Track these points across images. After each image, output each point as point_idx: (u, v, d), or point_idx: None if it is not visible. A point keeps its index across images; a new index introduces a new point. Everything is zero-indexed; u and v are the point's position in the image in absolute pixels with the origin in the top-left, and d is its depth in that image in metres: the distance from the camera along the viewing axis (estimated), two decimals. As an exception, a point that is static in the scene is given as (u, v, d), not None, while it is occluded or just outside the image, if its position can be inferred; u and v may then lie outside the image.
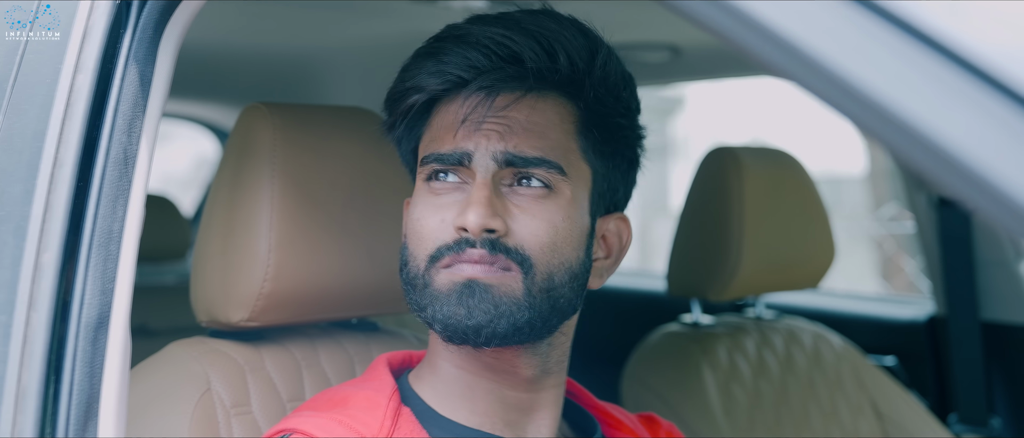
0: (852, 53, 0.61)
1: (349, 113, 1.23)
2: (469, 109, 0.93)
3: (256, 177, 1.11)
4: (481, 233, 0.90)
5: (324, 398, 0.98)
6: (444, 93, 0.95)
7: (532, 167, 0.92)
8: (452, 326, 0.91)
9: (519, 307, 0.91)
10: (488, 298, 0.91)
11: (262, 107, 1.15)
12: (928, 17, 0.60)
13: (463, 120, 0.93)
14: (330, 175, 1.15)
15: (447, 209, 0.94)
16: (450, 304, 0.91)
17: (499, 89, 0.93)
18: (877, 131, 0.59)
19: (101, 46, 0.95)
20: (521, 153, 0.92)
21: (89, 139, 0.93)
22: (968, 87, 0.58)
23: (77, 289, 0.90)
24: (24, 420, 0.87)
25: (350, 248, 1.15)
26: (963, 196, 0.56)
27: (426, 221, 0.94)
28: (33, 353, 0.88)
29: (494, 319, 0.90)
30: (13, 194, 0.93)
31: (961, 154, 0.56)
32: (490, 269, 0.91)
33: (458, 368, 0.97)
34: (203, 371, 1.10)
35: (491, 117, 0.93)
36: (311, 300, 1.14)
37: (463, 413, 0.97)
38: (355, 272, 1.15)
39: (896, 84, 0.59)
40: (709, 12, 0.63)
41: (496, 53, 0.92)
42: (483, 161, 0.93)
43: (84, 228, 0.91)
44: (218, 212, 1.14)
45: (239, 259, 1.11)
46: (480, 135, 0.93)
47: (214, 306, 1.13)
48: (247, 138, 1.14)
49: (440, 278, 0.92)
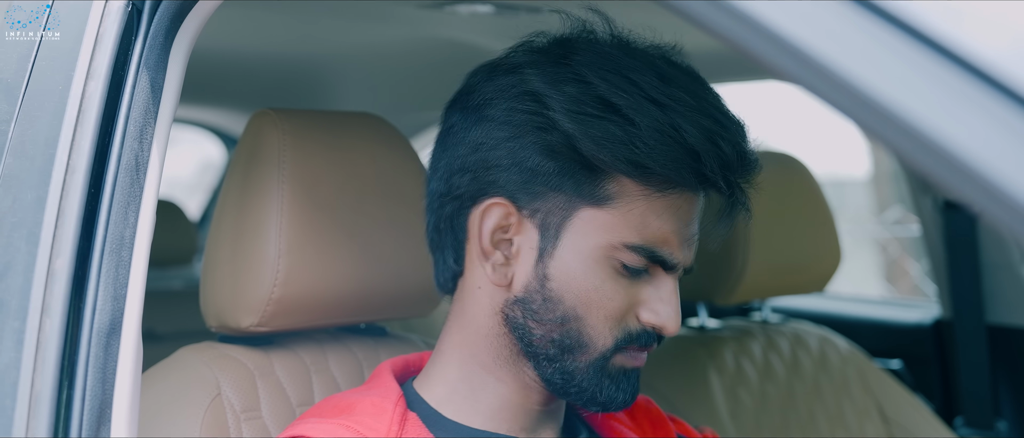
0: (856, 56, 0.61)
1: (357, 119, 1.23)
2: (690, 215, 0.94)
3: (265, 182, 1.12)
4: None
5: (329, 405, 0.98)
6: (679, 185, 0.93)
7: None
8: (611, 407, 0.96)
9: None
10: (638, 379, 0.98)
11: (271, 113, 1.15)
12: (931, 20, 0.61)
13: (683, 226, 0.94)
14: (338, 180, 1.16)
15: (634, 294, 0.94)
16: (618, 389, 0.96)
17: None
18: (882, 134, 0.60)
19: (112, 53, 0.96)
20: (693, 267, 0.98)
21: (101, 145, 0.94)
22: (971, 89, 0.59)
23: (89, 295, 0.91)
24: (37, 425, 0.88)
25: (359, 254, 1.16)
26: (969, 198, 0.57)
27: (616, 303, 0.94)
28: (46, 359, 0.89)
29: (626, 398, 0.97)
30: (26, 201, 0.94)
31: (966, 156, 0.57)
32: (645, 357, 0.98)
33: (499, 380, 0.99)
34: (213, 376, 1.10)
35: (693, 226, 0.96)
36: (320, 305, 1.14)
37: (480, 417, 0.98)
38: (364, 277, 1.16)
39: (900, 87, 0.60)
40: (711, 13, 0.64)
41: (734, 166, 0.92)
42: (679, 271, 0.96)
43: (96, 234, 0.92)
44: (227, 218, 1.15)
45: (248, 265, 1.12)
46: (690, 246, 0.96)
47: (224, 311, 1.13)
48: (256, 144, 1.15)
49: (616, 361, 0.95)
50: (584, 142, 0.90)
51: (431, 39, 1.83)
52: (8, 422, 0.88)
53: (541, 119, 0.92)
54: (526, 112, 0.93)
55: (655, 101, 0.89)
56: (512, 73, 0.95)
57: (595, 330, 0.93)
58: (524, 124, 0.93)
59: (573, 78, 0.92)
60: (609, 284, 0.92)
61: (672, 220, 0.93)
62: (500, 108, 0.94)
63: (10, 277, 0.92)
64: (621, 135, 0.89)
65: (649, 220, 0.92)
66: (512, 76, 0.95)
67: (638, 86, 0.90)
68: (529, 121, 0.93)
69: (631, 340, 0.94)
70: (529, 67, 0.94)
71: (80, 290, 0.91)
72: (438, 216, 1.00)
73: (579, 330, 0.93)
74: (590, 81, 0.91)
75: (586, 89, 0.91)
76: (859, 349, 1.83)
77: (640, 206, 0.92)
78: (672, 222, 0.93)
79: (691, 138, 0.88)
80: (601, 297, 0.92)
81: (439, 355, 1.01)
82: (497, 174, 0.94)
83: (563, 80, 0.92)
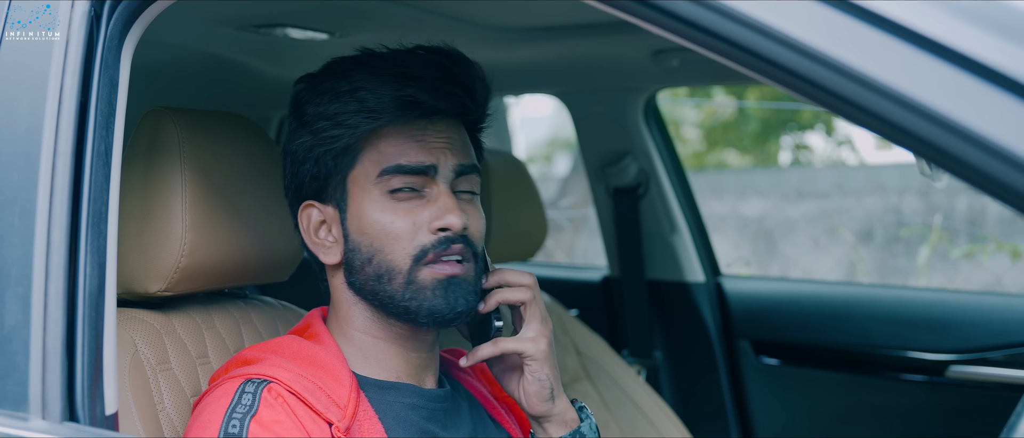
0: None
1: (228, 117, 1.43)
2: (419, 130, 1.16)
3: (168, 170, 1.29)
4: (460, 231, 1.14)
5: (289, 349, 1.18)
6: (395, 118, 1.15)
7: (471, 173, 1.19)
8: (437, 317, 1.14)
9: (474, 292, 1.17)
10: (462, 290, 1.15)
11: (165, 110, 1.32)
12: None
13: (419, 139, 1.16)
14: (224, 167, 1.36)
15: (415, 213, 1.15)
16: (436, 299, 1.14)
17: (436, 115, 1.18)
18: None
19: (81, 53, 1.09)
20: (465, 163, 1.18)
21: (79, 133, 1.07)
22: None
23: (81, 262, 1.05)
24: (52, 378, 1.01)
25: (243, 228, 1.36)
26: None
27: (398, 224, 1.14)
28: (54, 319, 1.02)
29: (466, 307, 1.15)
30: (13, 180, 1.04)
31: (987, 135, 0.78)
32: (462, 265, 1.14)
33: (374, 337, 1.21)
34: (129, 336, 1.26)
35: (437, 136, 1.18)
36: (216, 272, 1.34)
37: (377, 371, 1.22)
38: (247, 247, 1.37)
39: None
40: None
41: (439, 84, 1.16)
42: (445, 172, 1.16)
43: (82, 210, 1.06)
44: (133, 199, 1.29)
45: (156, 238, 1.28)
46: (437, 151, 1.17)
47: (132, 279, 1.29)
48: (155, 136, 1.31)
49: (423, 275, 1.14)
50: (317, 125, 1.18)
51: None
52: (23, 378, 1.00)
53: (299, 125, 1.22)
54: (292, 127, 1.23)
55: (369, 66, 1.17)
56: (290, 102, 1.25)
57: (393, 254, 1.15)
58: (293, 134, 1.23)
59: (317, 85, 1.20)
60: (387, 214, 1.16)
61: (404, 143, 1.16)
62: (287, 132, 1.25)
63: (6, 248, 1.03)
64: (341, 96, 1.16)
65: (386, 151, 1.17)
66: (290, 105, 1.25)
67: (359, 66, 1.17)
68: (294, 131, 1.23)
69: (427, 251, 1.14)
70: (297, 91, 1.24)
71: (73, 259, 1.04)
72: (299, 231, 1.25)
73: (381, 260, 1.16)
74: (326, 83, 1.19)
75: (320, 88, 1.19)
76: (557, 301, 2.34)
77: (376, 146, 1.17)
78: (405, 145, 1.16)
79: (395, 78, 1.15)
80: (385, 225, 1.15)
81: (331, 329, 1.24)
82: (302, 186, 1.22)
83: (313, 88, 1.21)
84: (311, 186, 1.22)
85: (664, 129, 2.52)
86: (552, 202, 7.47)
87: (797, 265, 6.71)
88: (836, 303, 2.45)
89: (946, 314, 2.33)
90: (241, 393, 1.12)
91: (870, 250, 6.82)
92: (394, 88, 1.16)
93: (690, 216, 2.55)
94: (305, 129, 1.21)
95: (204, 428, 1.10)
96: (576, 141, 2.62)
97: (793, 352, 2.45)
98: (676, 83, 2.51)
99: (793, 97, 0.83)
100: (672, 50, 1.97)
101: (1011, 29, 0.79)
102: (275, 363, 1.17)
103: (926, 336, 2.30)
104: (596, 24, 1.81)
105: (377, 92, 1.16)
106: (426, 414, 1.22)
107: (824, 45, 0.80)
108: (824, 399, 2.39)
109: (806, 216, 7.03)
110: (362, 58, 1.21)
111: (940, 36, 0.80)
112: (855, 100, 0.80)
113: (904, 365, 2.32)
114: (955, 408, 2.25)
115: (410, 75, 1.17)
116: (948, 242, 6.07)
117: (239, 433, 1.07)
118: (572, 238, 7.26)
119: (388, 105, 1.16)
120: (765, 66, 0.81)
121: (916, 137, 0.78)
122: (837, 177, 8.01)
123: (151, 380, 1.25)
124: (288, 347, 1.20)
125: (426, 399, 1.23)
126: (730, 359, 2.48)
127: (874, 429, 2.33)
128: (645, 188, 2.48)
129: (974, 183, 0.78)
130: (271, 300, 1.51)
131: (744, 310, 2.50)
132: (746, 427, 2.47)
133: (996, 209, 6.29)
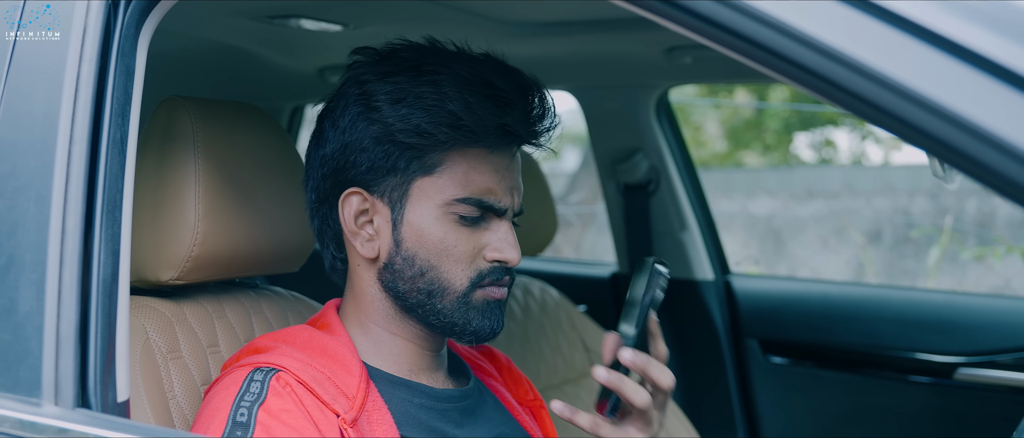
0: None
1: (242, 107, 1.43)
2: (504, 167, 1.16)
3: (182, 159, 1.29)
4: (516, 265, 1.19)
5: (301, 339, 1.19)
6: (493, 146, 1.15)
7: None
8: (480, 336, 1.19)
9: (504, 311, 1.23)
10: (502, 312, 1.21)
11: (180, 99, 1.32)
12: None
13: (502, 172, 1.16)
14: (237, 157, 1.36)
15: (476, 237, 1.17)
16: (484, 319, 1.18)
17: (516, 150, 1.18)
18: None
19: (98, 41, 1.09)
20: (521, 210, 1.22)
21: (95, 122, 1.08)
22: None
23: (95, 250, 1.05)
24: (65, 363, 1.02)
25: (255, 218, 1.37)
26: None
27: (461, 248, 1.16)
28: (67, 306, 1.03)
29: (502, 327, 1.21)
30: (28, 166, 1.05)
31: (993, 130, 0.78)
32: (507, 290, 1.20)
33: (392, 333, 1.23)
34: (140, 323, 1.26)
35: (514, 171, 1.19)
36: (228, 261, 1.34)
37: (389, 364, 1.23)
38: (259, 237, 1.38)
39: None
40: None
41: (528, 117, 1.15)
42: (510, 214, 1.20)
43: (96, 198, 1.06)
44: (146, 187, 1.30)
45: (170, 227, 1.29)
46: (514, 191, 1.19)
47: (143, 267, 1.29)
48: (169, 125, 1.31)
49: (477, 296, 1.18)
50: (399, 126, 1.17)
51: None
52: (37, 363, 1.01)
53: (368, 114, 1.19)
54: (357, 113, 1.20)
55: (460, 77, 1.14)
56: (348, 82, 1.23)
57: (451, 274, 1.17)
58: (357, 121, 1.20)
59: (389, 75, 1.18)
60: (452, 235, 1.17)
61: (490, 173, 1.17)
62: (345, 114, 1.21)
63: (21, 234, 1.04)
64: (433, 108, 1.13)
65: (471, 176, 1.16)
66: (348, 84, 1.23)
67: (445, 71, 1.15)
68: (360, 117, 1.20)
69: (484, 277, 1.18)
70: (359, 74, 1.21)
71: (88, 246, 1.05)
72: (320, 218, 1.26)
73: (436, 277, 1.18)
74: (402, 77, 1.17)
75: (399, 84, 1.18)
76: (565, 297, 2.34)
77: (461, 166, 1.16)
78: (491, 174, 1.17)
79: (493, 101, 1.13)
80: (448, 246, 1.17)
81: (344, 320, 1.26)
82: (349, 171, 1.21)
83: (383, 78, 1.19)
84: (365, 175, 1.19)
85: (676, 126, 2.52)
86: (561, 198, 7.47)
87: (805, 265, 6.71)
88: (845, 303, 2.45)
89: (955, 316, 2.33)
90: (250, 381, 1.13)
91: (879, 251, 6.81)
92: (494, 114, 1.14)
93: (700, 214, 2.55)
94: (376, 121, 1.17)
95: (213, 416, 1.11)
96: (587, 137, 2.61)
97: (801, 352, 2.45)
98: (689, 80, 2.51)
99: (810, 96, 0.83)
100: (686, 47, 1.97)
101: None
102: (285, 352, 1.17)
103: (935, 338, 2.29)
104: (610, 20, 1.81)
105: (475, 112, 1.14)
106: (436, 413, 1.22)
107: (842, 44, 0.80)
108: (831, 399, 2.39)
109: (815, 216, 7.03)
110: (444, 60, 1.17)
111: (959, 37, 0.79)
112: (872, 99, 0.79)
113: (912, 367, 2.31)
114: (963, 411, 2.25)
115: (504, 100, 1.15)
116: (959, 243, 6.06)
117: (247, 421, 1.08)
118: (580, 234, 7.28)
119: (489, 131, 1.14)
120: (783, 64, 0.81)
121: (933, 137, 0.78)
122: (847, 177, 8.00)
123: (162, 368, 1.26)
124: (299, 336, 1.21)
125: (436, 399, 1.24)
126: (738, 358, 2.47)
127: (881, 430, 2.33)
128: (656, 185, 2.48)
129: (991, 185, 0.78)
130: (282, 290, 1.51)
131: (753, 309, 2.50)
132: (753, 426, 2.47)
133: (1006, 212, 6.27)
